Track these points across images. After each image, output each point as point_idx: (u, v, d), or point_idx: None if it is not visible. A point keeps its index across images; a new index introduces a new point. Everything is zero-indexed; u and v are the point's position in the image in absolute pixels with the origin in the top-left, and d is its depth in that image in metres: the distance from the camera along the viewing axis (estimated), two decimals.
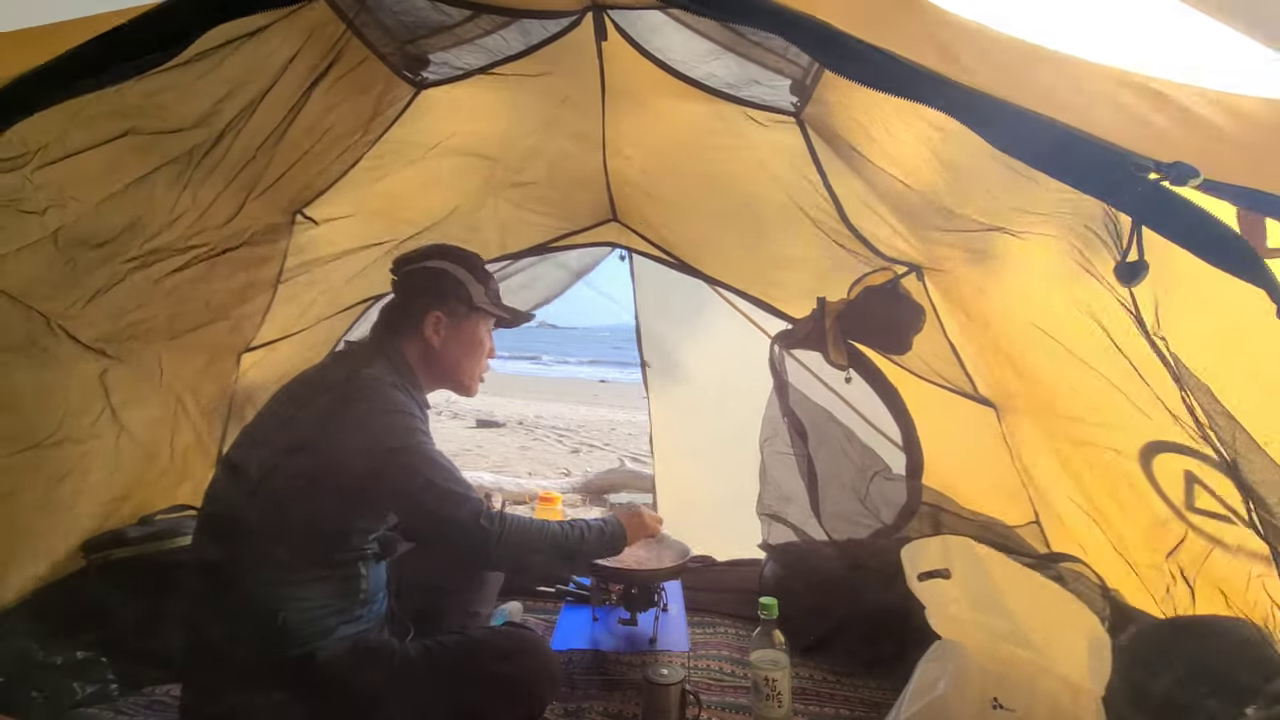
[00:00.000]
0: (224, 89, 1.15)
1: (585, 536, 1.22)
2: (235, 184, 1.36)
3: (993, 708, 1.12)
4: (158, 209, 1.26)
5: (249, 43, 1.09)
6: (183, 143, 1.19)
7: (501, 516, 1.11)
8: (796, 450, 1.77)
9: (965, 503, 1.60)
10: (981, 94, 0.71)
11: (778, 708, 1.28)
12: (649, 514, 1.41)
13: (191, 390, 1.67)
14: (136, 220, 1.24)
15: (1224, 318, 0.70)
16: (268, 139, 1.30)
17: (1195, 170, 0.62)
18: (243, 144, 1.28)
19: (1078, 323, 0.98)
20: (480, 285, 1.31)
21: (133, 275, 1.32)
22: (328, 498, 1.06)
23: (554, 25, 1.37)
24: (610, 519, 1.30)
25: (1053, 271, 1.02)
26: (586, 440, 6.13)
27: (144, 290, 1.36)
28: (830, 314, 1.65)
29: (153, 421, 1.57)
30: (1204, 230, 0.63)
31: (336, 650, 1.08)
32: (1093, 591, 1.25)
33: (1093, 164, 0.67)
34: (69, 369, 1.33)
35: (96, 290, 1.28)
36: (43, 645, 1.27)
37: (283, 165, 1.41)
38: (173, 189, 1.25)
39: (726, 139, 1.57)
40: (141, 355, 1.49)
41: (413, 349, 1.26)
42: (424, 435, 1.14)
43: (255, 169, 1.36)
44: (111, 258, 1.26)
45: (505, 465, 4.86)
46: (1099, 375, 0.99)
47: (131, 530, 1.50)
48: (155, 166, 1.19)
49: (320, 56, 1.24)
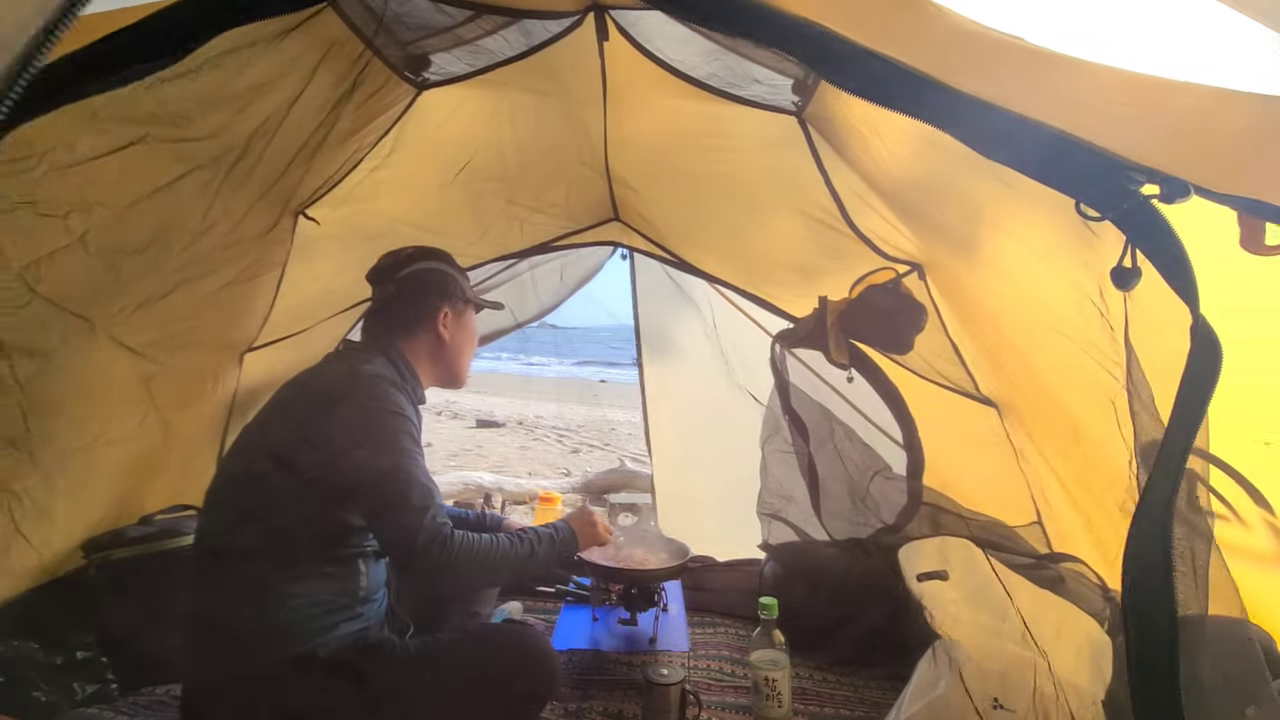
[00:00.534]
0: (243, 100, 1.17)
1: (535, 550, 1.22)
2: (268, 193, 1.41)
3: (993, 708, 1.12)
4: (187, 217, 1.29)
5: (266, 51, 1.10)
6: (203, 151, 1.21)
7: (453, 537, 1.10)
8: (797, 449, 1.77)
9: (966, 502, 1.60)
10: (962, 95, 0.71)
11: (778, 708, 1.28)
12: (602, 524, 1.40)
13: (176, 386, 1.63)
14: (166, 227, 1.27)
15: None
16: (299, 153, 1.34)
17: (1187, 187, 0.63)
18: (271, 155, 1.31)
19: (1081, 317, 0.98)
20: (465, 280, 1.41)
21: (184, 287, 1.38)
22: (324, 495, 1.07)
23: (555, 26, 1.37)
24: (561, 525, 1.31)
25: (1055, 265, 1.02)
26: (586, 440, 6.13)
27: (193, 301, 1.43)
28: (832, 313, 1.65)
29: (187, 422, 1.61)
30: (1169, 250, 0.65)
31: (337, 648, 1.08)
32: (1093, 592, 1.26)
33: (1084, 172, 0.68)
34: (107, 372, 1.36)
35: (146, 298, 1.33)
36: (43, 645, 1.27)
37: (287, 164, 1.41)
38: (202, 197, 1.28)
39: (728, 139, 1.57)
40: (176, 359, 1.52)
41: (421, 346, 1.31)
42: (412, 441, 1.15)
43: (278, 178, 1.40)
44: (157, 267, 1.30)
45: (505, 465, 4.86)
46: (1101, 370, 0.98)
47: (131, 530, 1.50)
48: (179, 175, 1.21)
49: (342, 75, 1.28)
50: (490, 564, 1.16)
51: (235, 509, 1.09)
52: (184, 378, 1.60)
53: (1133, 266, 0.69)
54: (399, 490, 1.08)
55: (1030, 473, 1.45)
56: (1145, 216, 0.66)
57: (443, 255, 1.40)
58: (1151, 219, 0.66)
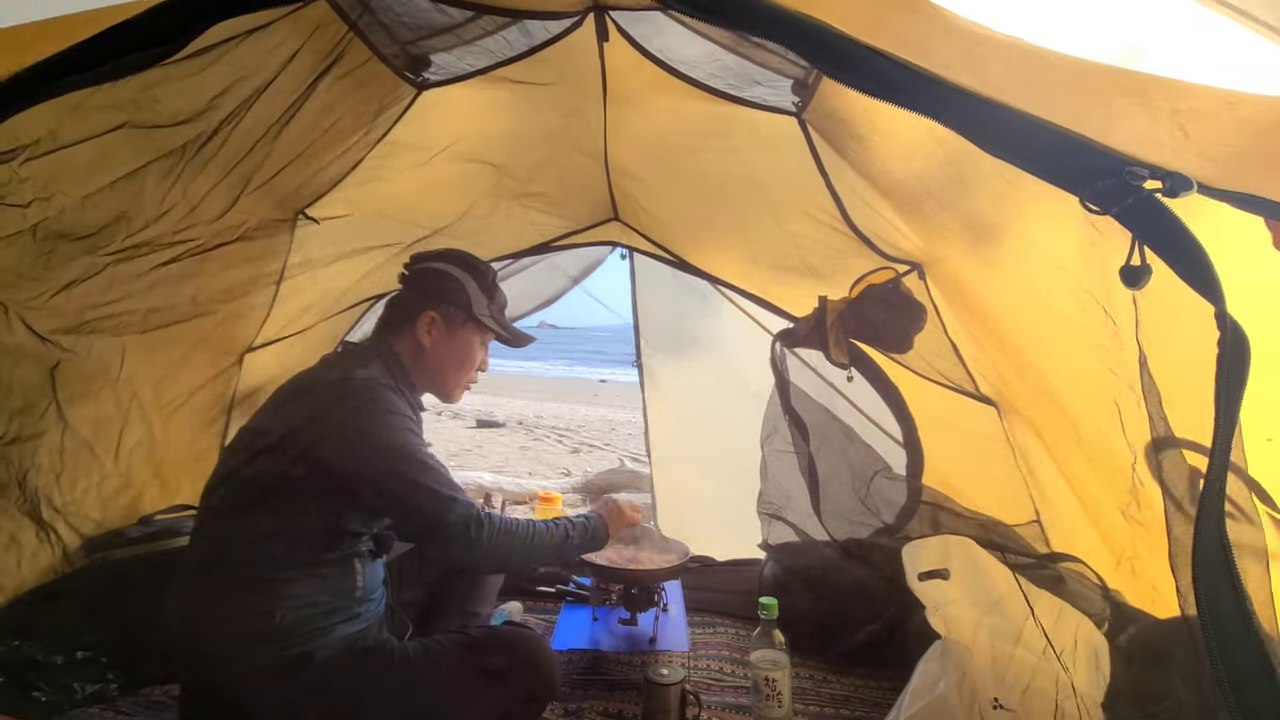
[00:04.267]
0: (221, 84, 1.15)
1: (570, 535, 1.23)
2: (229, 179, 1.35)
3: (993, 708, 1.13)
4: (146, 202, 1.25)
5: (248, 39, 1.09)
6: (177, 136, 1.18)
7: (490, 519, 1.11)
8: (798, 448, 1.77)
9: (965, 502, 1.60)
10: (964, 92, 0.71)
11: (778, 708, 1.28)
12: (626, 504, 1.41)
13: (156, 385, 1.60)
14: (123, 214, 1.23)
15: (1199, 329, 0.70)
16: (265, 135, 1.30)
17: (1190, 181, 0.62)
18: (238, 139, 1.27)
19: (1085, 315, 0.97)
20: (484, 297, 1.31)
21: (113, 268, 1.30)
22: (319, 496, 1.06)
23: (556, 26, 1.37)
24: (592, 515, 1.32)
25: (1060, 261, 1.01)
26: (586, 440, 6.13)
27: (124, 283, 1.34)
28: (831, 312, 1.65)
29: (102, 418, 1.50)
30: (1182, 246, 0.63)
31: (335, 649, 1.08)
32: (1093, 591, 1.25)
33: (1086, 169, 0.67)
34: (18, 360, 1.29)
35: (69, 282, 1.26)
36: (43, 645, 1.27)
37: (280, 161, 1.40)
38: (163, 183, 1.24)
39: (728, 139, 1.57)
40: (102, 349, 1.43)
41: (406, 347, 1.26)
42: (415, 436, 1.14)
43: (250, 164, 1.35)
44: (92, 250, 1.24)
45: (505, 465, 4.86)
46: (1105, 368, 0.98)
47: (131, 530, 1.50)
48: (148, 160, 1.18)
49: (321, 56, 1.24)
50: (528, 546, 1.16)
51: (233, 509, 1.09)
52: (180, 377, 1.59)
53: (1142, 264, 0.67)
54: (412, 478, 1.07)
55: (1031, 471, 1.45)
56: (1151, 212, 0.64)
57: (469, 263, 1.31)
58: (1159, 215, 0.64)
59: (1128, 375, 0.89)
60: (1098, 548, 1.24)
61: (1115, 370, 0.94)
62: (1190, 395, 0.69)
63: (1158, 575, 1.03)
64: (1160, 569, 0.75)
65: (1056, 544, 1.43)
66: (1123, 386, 0.93)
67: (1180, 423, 0.78)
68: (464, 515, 1.08)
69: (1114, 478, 1.03)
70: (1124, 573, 1.14)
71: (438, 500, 1.08)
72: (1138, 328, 0.81)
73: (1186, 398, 0.73)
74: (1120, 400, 0.94)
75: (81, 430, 1.44)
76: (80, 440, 1.44)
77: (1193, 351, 0.64)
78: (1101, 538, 1.21)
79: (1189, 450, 0.74)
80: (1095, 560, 1.28)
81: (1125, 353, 0.87)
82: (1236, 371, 0.60)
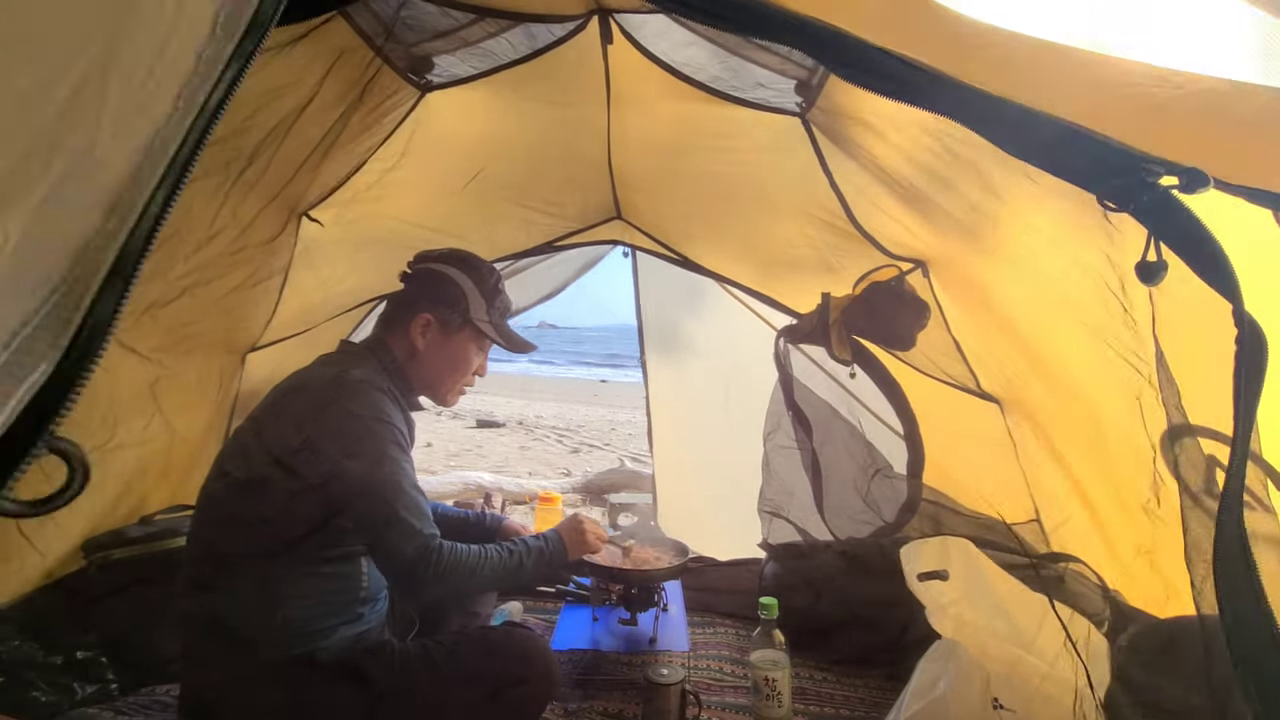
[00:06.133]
0: (253, 106, 1.16)
1: (524, 562, 1.21)
2: (275, 198, 1.41)
3: (993, 708, 1.13)
4: (195, 223, 1.28)
5: (275, 60, 1.10)
6: (214, 157, 1.20)
7: (442, 550, 1.10)
8: (801, 444, 1.77)
9: (966, 500, 1.60)
10: (978, 91, 0.70)
11: (778, 708, 1.28)
12: (591, 529, 1.36)
13: (170, 385, 1.62)
14: (175, 233, 1.26)
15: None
16: (276, 143, 1.31)
17: (1207, 177, 0.61)
18: (280, 160, 1.30)
19: (1104, 310, 0.96)
20: (484, 301, 1.29)
21: (190, 291, 1.38)
22: (311, 499, 1.05)
23: (559, 29, 1.37)
24: (551, 535, 1.29)
25: (1075, 257, 1.00)
26: (586, 440, 6.13)
27: (199, 306, 1.43)
28: (834, 309, 1.65)
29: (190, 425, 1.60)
30: (1199, 243, 0.62)
31: (337, 650, 1.08)
32: (1093, 591, 1.25)
33: (1102, 166, 0.66)
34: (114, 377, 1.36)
35: (152, 303, 1.33)
36: (43, 645, 1.27)
37: (291, 167, 1.41)
38: (211, 203, 1.27)
39: (732, 140, 1.57)
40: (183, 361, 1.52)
41: (401, 348, 1.25)
42: (399, 449, 1.12)
43: (286, 182, 1.39)
44: (161, 272, 1.29)
45: (505, 465, 4.86)
46: (1127, 363, 0.97)
47: (132, 530, 1.50)
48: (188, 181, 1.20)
49: (351, 82, 1.27)
50: (477, 576, 1.15)
51: (229, 510, 1.09)
52: (189, 381, 1.59)
53: (1158, 260, 0.66)
54: (385, 500, 1.07)
55: (1032, 470, 1.45)
56: (1167, 208, 0.63)
57: (471, 265, 1.30)
58: (1175, 211, 0.63)
59: (1148, 371, 0.88)
60: (1099, 547, 1.24)
61: (1137, 366, 0.94)
62: (1207, 389, 0.68)
63: (1175, 572, 1.02)
64: (1180, 566, 0.74)
65: (1057, 543, 1.43)
66: (1143, 382, 0.92)
67: (1196, 414, 0.78)
68: (421, 547, 1.08)
69: (1136, 473, 1.02)
70: (1138, 569, 1.12)
71: (404, 532, 1.07)
72: (1155, 323, 0.80)
73: (1204, 391, 0.73)
74: (1142, 395, 0.94)
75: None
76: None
77: (1209, 348, 0.64)
78: (1109, 537, 1.21)
79: (1205, 438, 0.74)
80: (1096, 560, 1.28)
81: (1145, 348, 0.87)
82: (1255, 369, 0.59)
